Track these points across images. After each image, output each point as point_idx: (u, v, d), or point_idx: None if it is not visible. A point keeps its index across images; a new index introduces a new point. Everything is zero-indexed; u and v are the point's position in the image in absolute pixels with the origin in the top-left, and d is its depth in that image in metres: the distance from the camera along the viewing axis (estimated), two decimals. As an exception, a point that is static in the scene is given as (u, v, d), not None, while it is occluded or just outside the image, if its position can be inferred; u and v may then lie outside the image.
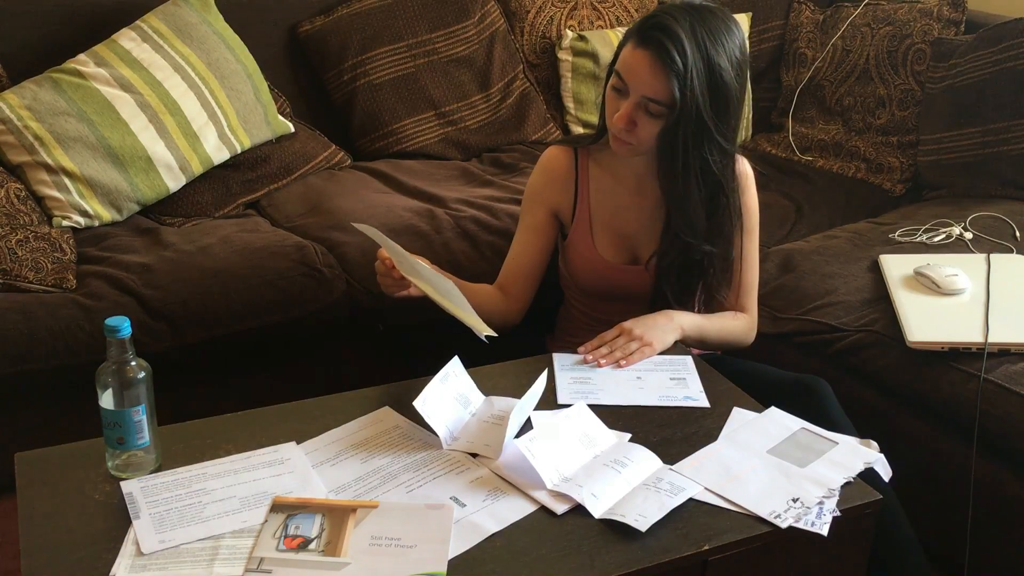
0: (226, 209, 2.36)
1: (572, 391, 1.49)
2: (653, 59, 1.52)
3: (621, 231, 1.77)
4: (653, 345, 1.60)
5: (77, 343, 1.84)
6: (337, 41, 2.62)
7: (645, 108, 1.56)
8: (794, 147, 2.86)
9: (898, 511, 1.54)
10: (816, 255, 2.18)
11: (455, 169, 2.62)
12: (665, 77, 1.51)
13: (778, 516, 1.22)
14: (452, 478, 1.29)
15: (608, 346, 1.59)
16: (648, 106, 1.55)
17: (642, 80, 1.54)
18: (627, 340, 1.59)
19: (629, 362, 1.57)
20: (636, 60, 1.54)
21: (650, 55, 1.52)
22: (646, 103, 1.55)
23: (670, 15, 1.53)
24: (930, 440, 1.82)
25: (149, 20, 2.37)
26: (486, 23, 2.78)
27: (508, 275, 1.83)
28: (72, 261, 2.02)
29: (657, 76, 1.52)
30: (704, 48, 1.52)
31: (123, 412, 1.24)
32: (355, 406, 1.45)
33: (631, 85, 1.56)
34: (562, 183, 1.78)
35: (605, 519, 1.21)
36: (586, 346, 1.61)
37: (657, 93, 1.53)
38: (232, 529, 1.18)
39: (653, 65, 1.52)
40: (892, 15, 2.75)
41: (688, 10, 1.54)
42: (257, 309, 1.99)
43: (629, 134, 1.59)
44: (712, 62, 1.52)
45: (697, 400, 1.49)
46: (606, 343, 1.60)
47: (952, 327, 1.81)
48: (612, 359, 1.57)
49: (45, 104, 2.15)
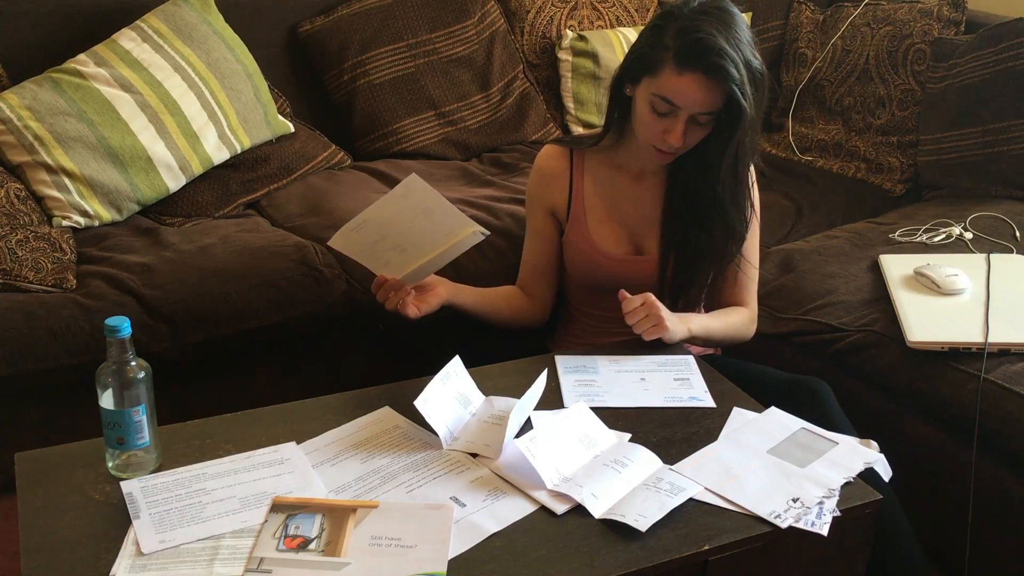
0: (226, 209, 2.36)
1: (577, 393, 1.49)
2: (704, 79, 1.53)
3: (621, 222, 1.77)
4: (666, 329, 1.59)
5: (77, 343, 1.84)
6: (337, 41, 2.62)
7: (695, 120, 1.58)
8: (794, 147, 2.86)
9: (898, 511, 1.54)
10: (816, 255, 2.18)
11: (455, 169, 2.62)
12: (719, 91, 1.53)
13: (778, 516, 1.22)
14: (452, 478, 1.29)
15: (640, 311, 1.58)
16: (698, 118, 1.57)
17: (697, 101, 1.55)
18: (649, 310, 1.58)
19: (647, 336, 1.57)
20: (687, 84, 1.54)
21: (700, 76, 1.52)
22: (696, 116, 1.57)
23: (700, 30, 1.52)
24: (930, 440, 1.81)
25: (149, 20, 2.37)
26: (486, 23, 2.78)
27: (525, 277, 1.87)
28: (72, 261, 2.02)
29: (712, 93, 1.54)
30: (739, 50, 1.53)
31: (123, 412, 1.24)
32: (355, 406, 1.45)
33: (683, 107, 1.56)
34: (556, 181, 1.79)
35: (605, 519, 1.21)
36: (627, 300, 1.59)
37: (710, 107, 1.56)
38: (232, 529, 1.18)
39: (707, 85, 1.53)
40: (892, 15, 2.75)
41: (707, 15, 1.54)
42: (257, 309, 1.99)
43: (682, 148, 1.61)
44: (748, 61, 1.55)
45: (703, 400, 1.48)
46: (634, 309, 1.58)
47: (952, 327, 1.81)
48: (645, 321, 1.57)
49: (45, 104, 2.15)
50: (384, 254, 1.58)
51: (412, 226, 1.51)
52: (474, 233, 1.54)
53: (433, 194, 1.48)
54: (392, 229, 1.53)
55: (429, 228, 1.52)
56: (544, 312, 1.87)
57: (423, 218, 1.51)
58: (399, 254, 1.57)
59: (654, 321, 1.58)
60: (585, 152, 1.79)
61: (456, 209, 1.52)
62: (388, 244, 1.56)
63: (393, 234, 1.54)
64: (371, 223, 1.52)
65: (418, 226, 1.52)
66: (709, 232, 1.70)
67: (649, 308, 1.58)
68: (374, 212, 1.51)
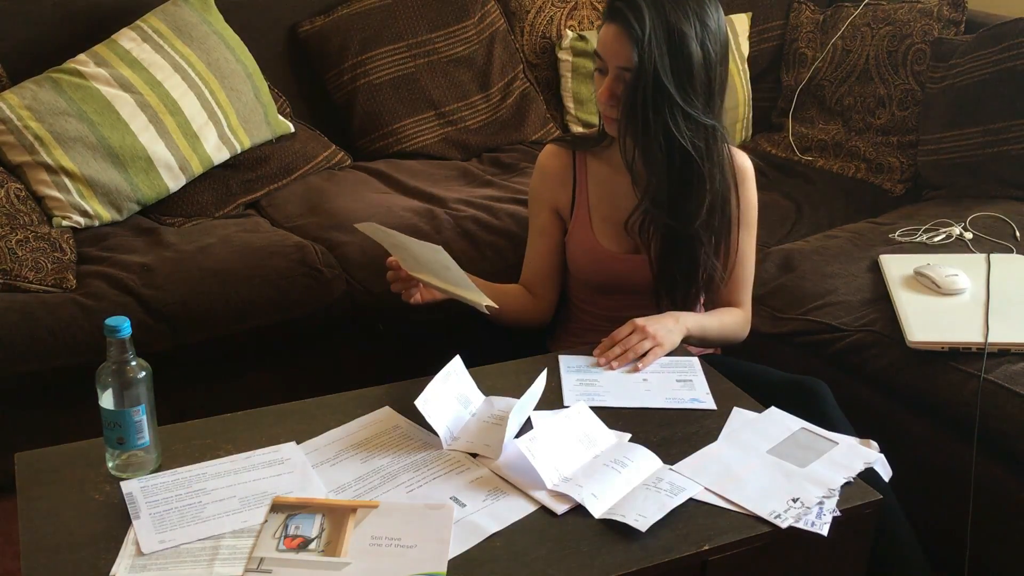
0: (226, 209, 2.36)
1: (578, 393, 1.49)
2: (618, 29, 1.58)
3: (621, 220, 1.77)
4: (664, 345, 1.60)
5: (77, 343, 1.84)
6: (337, 41, 2.62)
7: (623, 80, 1.61)
8: (794, 147, 2.86)
9: (898, 511, 1.54)
10: (816, 255, 2.18)
11: (455, 169, 2.62)
12: (629, 43, 1.56)
13: (778, 516, 1.22)
14: (452, 478, 1.29)
15: (621, 345, 1.59)
16: (624, 76, 1.60)
17: (613, 52, 1.60)
18: (640, 338, 1.59)
19: (644, 363, 1.57)
20: (605, 34, 1.61)
21: (615, 26, 1.58)
22: (621, 74, 1.60)
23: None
24: (930, 440, 1.81)
25: (149, 20, 2.37)
26: (486, 23, 2.78)
27: (529, 277, 1.87)
28: (72, 261, 2.02)
29: (623, 44, 1.57)
30: (664, 13, 1.56)
31: (123, 412, 1.24)
32: (355, 406, 1.45)
33: (607, 60, 1.61)
34: (559, 180, 1.80)
35: (605, 519, 1.21)
36: (599, 348, 1.60)
37: (624, 61, 1.58)
38: (232, 529, 1.18)
39: (618, 34, 1.58)
40: (892, 15, 2.75)
41: None
42: (257, 309, 1.99)
43: (613, 108, 1.63)
44: (672, 26, 1.56)
45: (704, 402, 1.48)
46: (618, 342, 1.59)
47: (952, 327, 1.81)
48: (625, 360, 1.57)
49: (45, 104, 2.15)
50: (401, 253, 1.58)
51: (431, 261, 1.52)
52: (482, 305, 1.54)
53: (455, 266, 1.49)
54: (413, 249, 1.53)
55: (445, 274, 1.53)
56: (549, 311, 1.88)
57: (441, 270, 1.53)
58: (415, 263, 1.58)
59: (641, 336, 1.58)
60: (587, 153, 1.80)
61: (472, 284, 1.52)
62: (408, 254, 1.57)
63: (413, 250, 1.54)
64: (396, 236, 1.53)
65: (435, 267, 1.53)
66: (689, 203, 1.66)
67: (640, 331, 1.59)
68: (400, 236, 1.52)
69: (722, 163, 1.68)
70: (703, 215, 1.67)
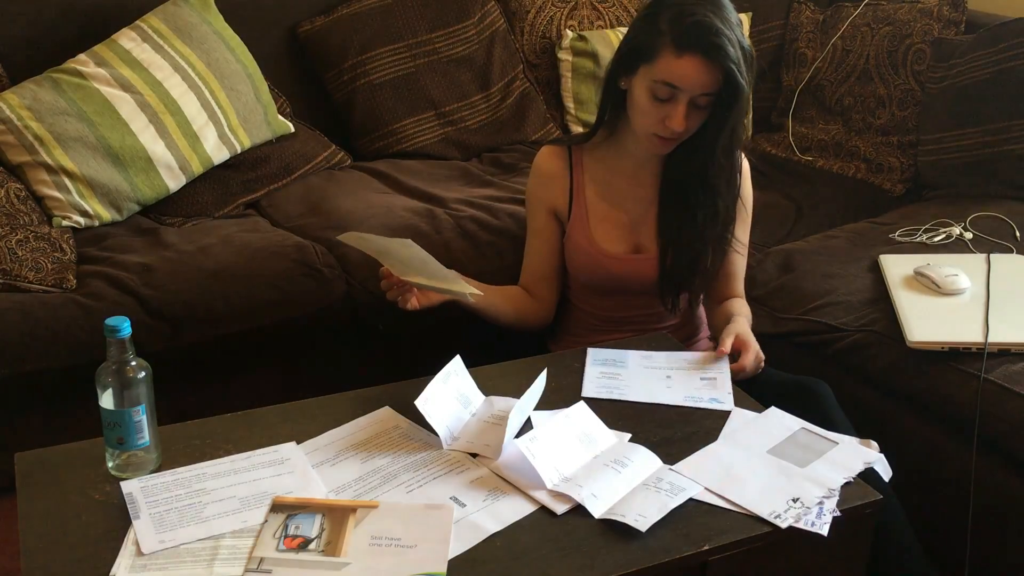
0: (226, 209, 2.36)
1: (598, 385, 1.50)
2: (703, 60, 1.54)
3: (619, 221, 1.78)
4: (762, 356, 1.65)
5: (77, 343, 1.84)
6: (337, 41, 2.62)
7: (695, 104, 1.59)
8: (794, 147, 2.86)
9: (898, 511, 1.54)
10: (816, 255, 2.18)
11: (455, 169, 2.62)
12: (718, 71, 1.55)
13: (778, 516, 1.22)
14: (452, 478, 1.29)
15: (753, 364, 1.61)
16: (698, 100, 1.59)
17: (698, 83, 1.56)
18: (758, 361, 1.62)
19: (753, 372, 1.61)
20: (687, 66, 1.55)
21: (699, 57, 1.54)
22: (696, 98, 1.59)
23: (696, 13, 1.54)
24: (930, 440, 1.81)
25: (149, 20, 2.37)
26: (486, 23, 2.78)
27: (528, 279, 1.88)
28: (72, 261, 2.02)
29: (711, 73, 1.55)
30: (733, 31, 1.56)
31: (123, 412, 1.24)
32: (355, 406, 1.45)
33: (684, 89, 1.57)
34: (556, 181, 1.80)
35: (605, 519, 1.21)
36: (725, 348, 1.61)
37: (710, 87, 1.57)
38: (232, 529, 1.18)
39: (706, 65, 1.55)
40: (892, 15, 2.75)
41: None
42: (257, 309, 1.99)
43: (686, 132, 1.63)
44: (740, 41, 1.57)
45: (723, 403, 1.48)
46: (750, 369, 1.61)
47: (952, 327, 1.81)
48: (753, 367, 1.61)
49: (45, 104, 2.15)
50: (387, 258, 1.58)
51: (410, 257, 1.52)
52: (465, 295, 1.55)
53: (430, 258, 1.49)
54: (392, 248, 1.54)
55: (425, 269, 1.54)
56: (549, 313, 1.88)
57: (421, 265, 1.53)
58: (402, 265, 1.58)
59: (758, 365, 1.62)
60: (583, 152, 1.80)
61: (451, 273, 1.53)
62: (391, 259, 1.57)
63: (392, 250, 1.54)
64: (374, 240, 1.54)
65: (416, 264, 1.53)
66: (705, 217, 1.71)
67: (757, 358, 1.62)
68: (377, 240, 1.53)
69: (740, 165, 1.74)
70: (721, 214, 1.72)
